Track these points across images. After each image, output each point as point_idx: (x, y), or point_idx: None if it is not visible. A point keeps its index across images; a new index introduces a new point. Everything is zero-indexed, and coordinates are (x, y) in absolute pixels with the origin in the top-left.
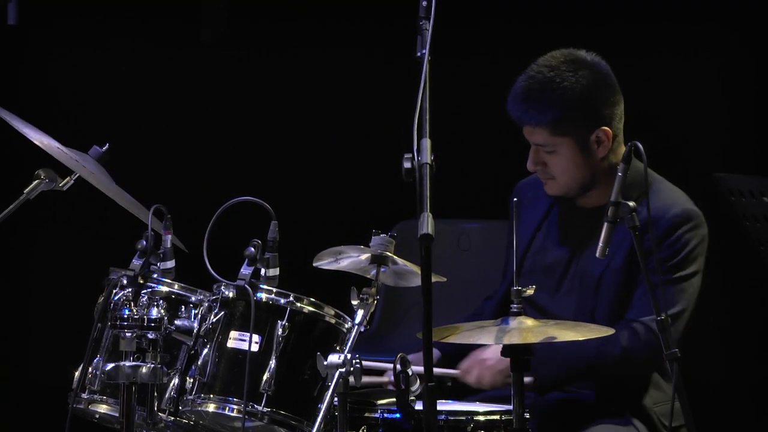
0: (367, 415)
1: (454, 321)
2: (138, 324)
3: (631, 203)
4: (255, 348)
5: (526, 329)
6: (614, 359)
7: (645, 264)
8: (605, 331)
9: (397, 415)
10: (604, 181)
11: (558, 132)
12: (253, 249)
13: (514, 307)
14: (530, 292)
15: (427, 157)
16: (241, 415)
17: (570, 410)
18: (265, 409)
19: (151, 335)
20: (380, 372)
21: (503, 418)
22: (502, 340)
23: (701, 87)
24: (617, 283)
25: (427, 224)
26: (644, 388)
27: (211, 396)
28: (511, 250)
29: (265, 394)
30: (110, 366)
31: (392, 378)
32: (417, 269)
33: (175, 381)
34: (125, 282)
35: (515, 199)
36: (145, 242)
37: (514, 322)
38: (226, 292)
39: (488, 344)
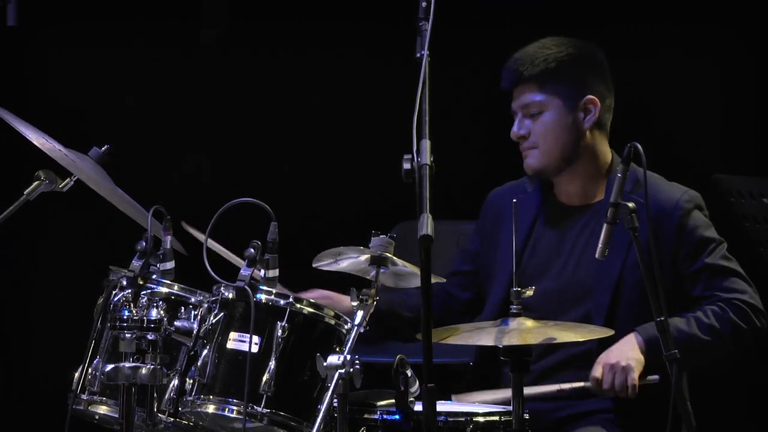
0: (366, 416)
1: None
2: (138, 325)
3: (631, 204)
4: (255, 349)
5: (526, 330)
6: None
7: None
8: (605, 333)
9: (397, 417)
10: (584, 165)
11: (547, 88)
12: (252, 250)
13: (514, 308)
14: (530, 293)
15: (427, 158)
16: (240, 417)
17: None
18: (265, 410)
19: (150, 336)
20: None
21: (503, 419)
22: (501, 341)
23: (701, 87)
24: (638, 280)
25: (427, 225)
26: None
27: (211, 397)
28: (509, 252)
29: (265, 395)
30: (110, 367)
31: None
32: (416, 270)
33: (175, 382)
34: (125, 283)
35: (514, 200)
36: (144, 243)
37: (513, 323)
38: (226, 293)
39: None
